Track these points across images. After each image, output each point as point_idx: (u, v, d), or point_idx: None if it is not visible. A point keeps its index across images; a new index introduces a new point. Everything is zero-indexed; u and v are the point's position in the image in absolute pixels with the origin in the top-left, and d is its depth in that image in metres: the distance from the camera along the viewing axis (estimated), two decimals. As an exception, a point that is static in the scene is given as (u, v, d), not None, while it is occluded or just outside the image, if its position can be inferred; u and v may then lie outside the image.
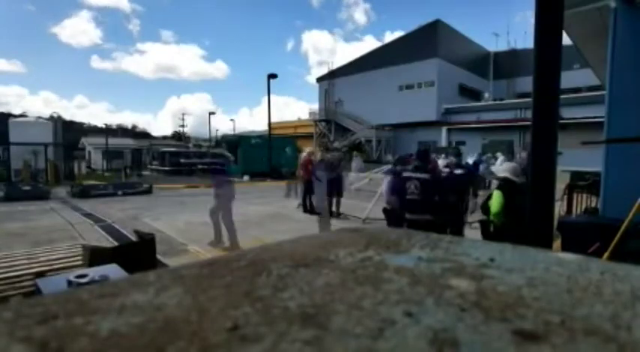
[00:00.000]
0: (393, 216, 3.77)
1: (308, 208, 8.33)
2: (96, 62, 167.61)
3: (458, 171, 4.19)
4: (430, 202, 3.50)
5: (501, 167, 3.67)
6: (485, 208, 3.42)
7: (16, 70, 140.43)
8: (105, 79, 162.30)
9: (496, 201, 3.20)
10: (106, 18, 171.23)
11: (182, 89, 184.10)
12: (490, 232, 3.30)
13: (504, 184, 3.31)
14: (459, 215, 4.03)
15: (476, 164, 12.21)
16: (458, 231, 4.02)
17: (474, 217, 4.56)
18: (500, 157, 14.20)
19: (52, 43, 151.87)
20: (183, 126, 64.17)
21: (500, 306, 0.30)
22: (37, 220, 7.51)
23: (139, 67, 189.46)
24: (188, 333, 0.26)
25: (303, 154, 8.77)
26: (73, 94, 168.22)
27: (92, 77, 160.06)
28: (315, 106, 37.41)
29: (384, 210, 3.98)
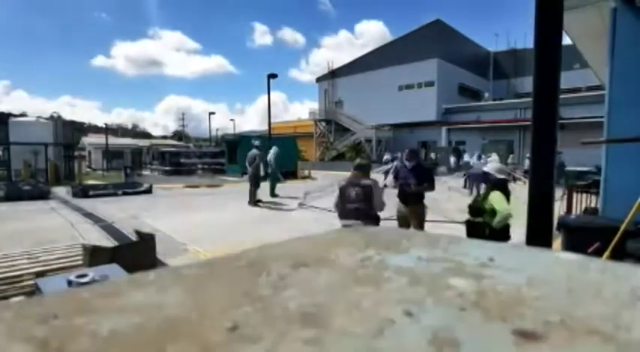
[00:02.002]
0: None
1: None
2: (83, 59, 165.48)
3: None
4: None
5: (491, 167, 3.50)
6: (475, 210, 3.22)
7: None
8: (95, 77, 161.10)
9: (502, 201, 3.02)
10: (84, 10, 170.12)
11: (173, 85, 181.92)
12: (486, 235, 3.11)
13: (500, 185, 3.20)
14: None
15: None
16: None
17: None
18: (494, 157, 14.10)
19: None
20: (183, 125, 64.30)
21: (499, 306, 0.30)
22: (37, 220, 7.51)
23: (128, 64, 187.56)
24: (188, 333, 0.26)
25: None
26: (59, 94, 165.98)
27: (81, 75, 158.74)
28: (313, 105, 37.52)
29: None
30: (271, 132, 21.19)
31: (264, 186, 10.00)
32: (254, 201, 9.46)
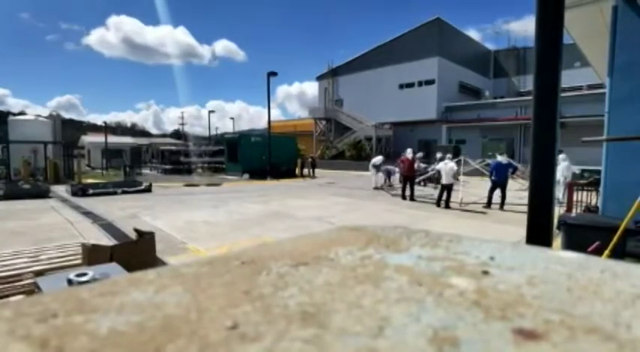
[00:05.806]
0: None
1: None
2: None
3: None
4: None
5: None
6: None
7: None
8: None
9: None
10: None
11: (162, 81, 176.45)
12: None
13: None
14: None
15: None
16: None
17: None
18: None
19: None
20: (182, 124, 64.31)
21: (500, 305, 0.30)
22: (36, 219, 7.51)
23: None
24: (188, 332, 0.26)
25: None
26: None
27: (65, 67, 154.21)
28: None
29: None
30: (271, 131, 21.17)
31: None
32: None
